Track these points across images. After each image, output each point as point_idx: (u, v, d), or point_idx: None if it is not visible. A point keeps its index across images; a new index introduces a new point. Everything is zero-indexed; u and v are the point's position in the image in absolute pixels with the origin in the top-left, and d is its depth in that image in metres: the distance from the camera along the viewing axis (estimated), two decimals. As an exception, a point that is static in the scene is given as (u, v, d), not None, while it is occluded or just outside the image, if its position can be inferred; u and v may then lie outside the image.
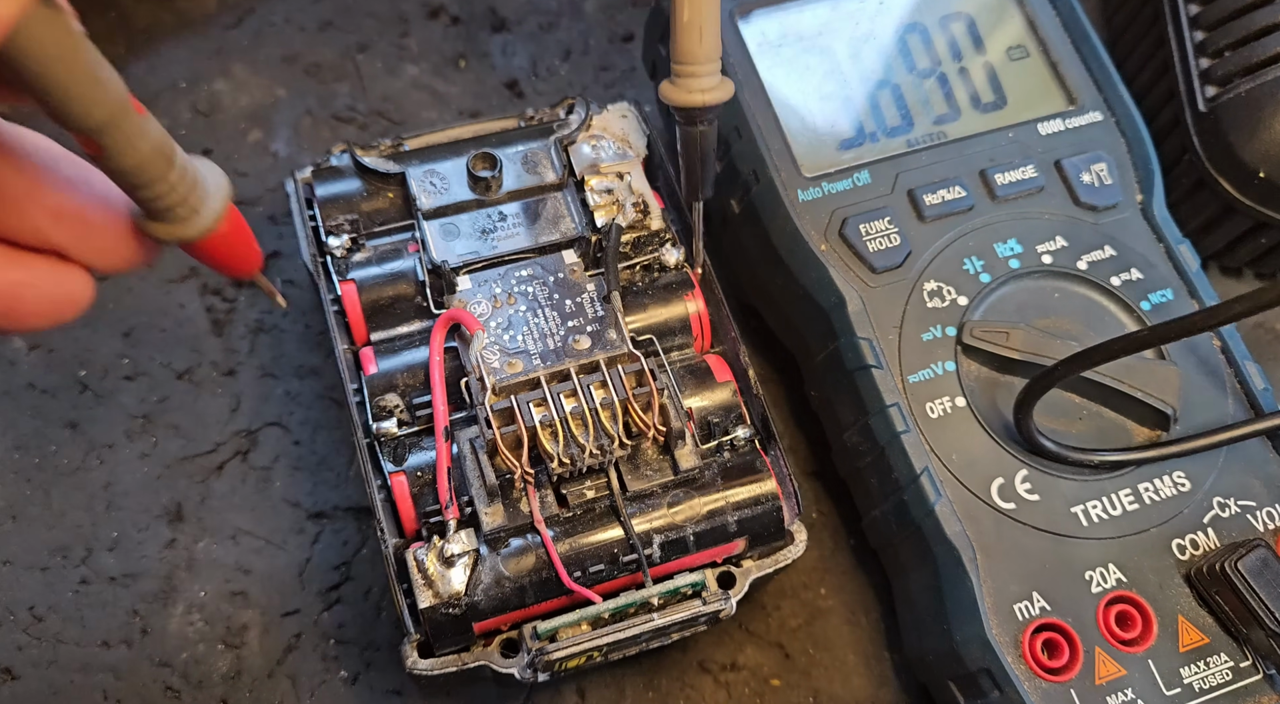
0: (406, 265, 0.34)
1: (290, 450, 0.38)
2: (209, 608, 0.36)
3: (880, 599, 0.37)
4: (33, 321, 0.22)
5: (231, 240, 0.23)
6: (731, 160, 0.38)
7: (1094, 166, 0.37)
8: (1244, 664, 0.31)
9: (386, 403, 0.32)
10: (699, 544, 0.31)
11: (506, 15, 0.47)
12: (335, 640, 0.35)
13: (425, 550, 0.29)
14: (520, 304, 0.33)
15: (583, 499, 0.31)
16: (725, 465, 0.32)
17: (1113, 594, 0.32)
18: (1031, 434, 0.32)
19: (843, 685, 0.36)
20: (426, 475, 0.31)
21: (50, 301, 0.22)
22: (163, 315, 0.40)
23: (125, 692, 0.34)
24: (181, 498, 0.37)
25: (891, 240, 0.36)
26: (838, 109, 0.38)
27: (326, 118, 0.44)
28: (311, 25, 0.46)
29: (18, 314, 0.22)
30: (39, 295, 0.22)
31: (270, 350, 0.40)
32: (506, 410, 0.30)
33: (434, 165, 0.36)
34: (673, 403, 0.31)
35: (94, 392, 0.39)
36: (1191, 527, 0.33)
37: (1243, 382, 0.35)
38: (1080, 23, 0.39)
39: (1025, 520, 0.32)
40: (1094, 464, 0.33)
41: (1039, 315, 0.35)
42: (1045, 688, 0.30)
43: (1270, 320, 0.43)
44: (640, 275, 0.35)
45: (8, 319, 0.22)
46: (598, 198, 0.35)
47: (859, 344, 0.34)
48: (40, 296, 0.22)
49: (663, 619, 0.29)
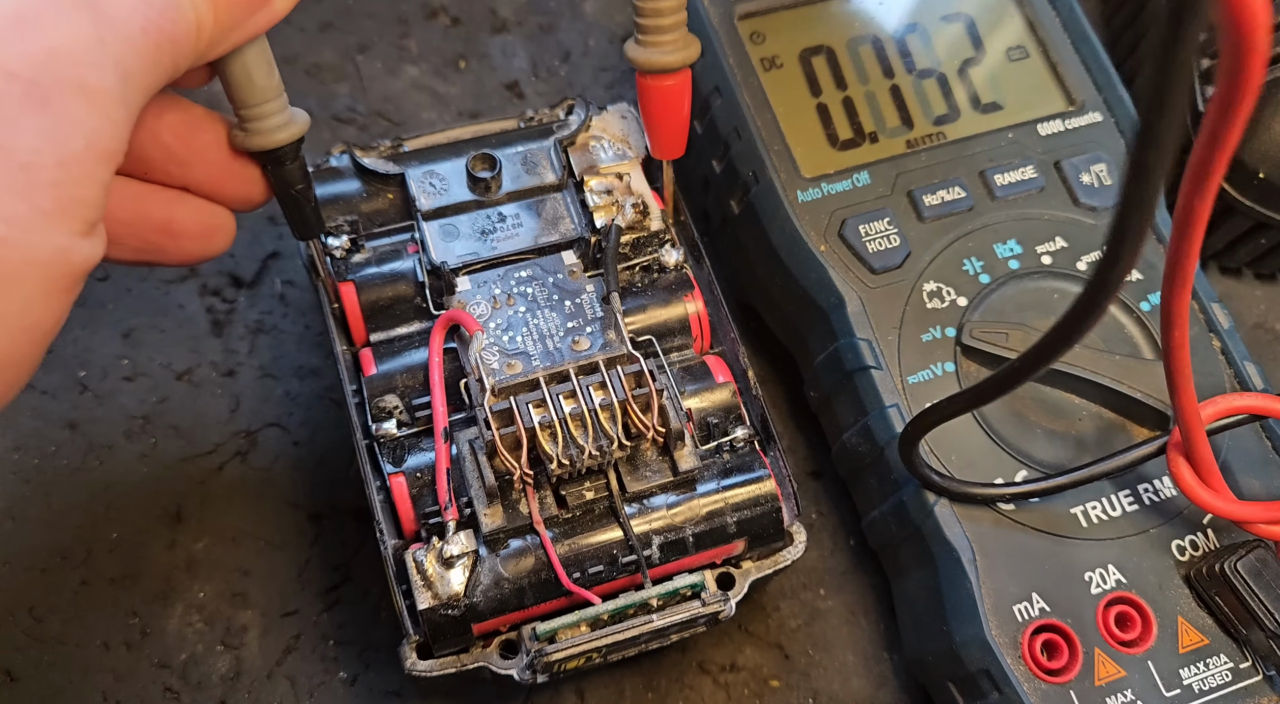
0: (406, 266, 0.34)
1: (290, 451, 0.38)
2: (208, 609, 0.36)
3: (880, 600, 0.37)
4: (191, 247, 0.30)
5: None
6: (731, 161, 0.38)
7: (1094, 167, 0.37)
8: (1244, 665, 0.31)
9: (386, 404, 0.32)
10: (698, 545, 0.31)
11: (506, 16, 0.47)
12: (334, 641, 0.35)
13: (424, 552, 0.29)
14: (520, 305, 0.33)
15: (582, 500, 0.31)
16: (724, 466, 0.32)
17: (1112, 595, 0.32)
18: (916, 466, 0.32)
19: (842, 686, 0.36)
20: (426, 476, 0.31)
21: (201, 232, 0.30)
22: (162, 316, 0.40)
23: (125, 693, 0.34)
24: (181, 498, 0.37)
25: (891, 241, 0.36)
26: (837, 109, 0.38)
27: (326, 118, 0.44)
28: (311, 26, 0.46)
29: (178, 242, 0.29)
30: (192, 227, 0.29)
31: (270, 351, 0.40)
32: (506, 411, 0.30)
33: (433, 166, 0.36)
34: (672, 404, 0.31)
35: (94, 392, 0.39)
36: (1191, 527, 0.33)
37: (1242, 382, 0.35)
38: (1080, 23, 0.39)
39: (1025, 521, 0.32)
40: (976, 498, 0.32)
41: (1039, 316, 0.35)
42: (1045, 689, 0.30)
43: (1270, 321, 0.43)
44: (640, 276, 0.35)
45: (172, 245, 0.29)
46: (597, 199, 0.35)
47: (858, 345, 0.34)
48: (193, 228, 0.29)
49: (662, 620, 0.29)
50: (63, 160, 0.21)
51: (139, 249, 0.29)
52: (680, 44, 0.31)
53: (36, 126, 0.21)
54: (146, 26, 0.23)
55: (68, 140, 0.21)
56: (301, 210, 0.31)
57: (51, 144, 0.21)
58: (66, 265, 0.22)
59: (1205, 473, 0.30)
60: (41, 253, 0.22)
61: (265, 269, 0.41)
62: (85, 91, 0.22)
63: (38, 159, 0.21)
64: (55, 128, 0.21)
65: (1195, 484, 0.30)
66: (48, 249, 0.22)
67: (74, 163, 0.22)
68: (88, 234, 0.23)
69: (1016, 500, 0.32)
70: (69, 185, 0.22)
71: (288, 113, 0.29)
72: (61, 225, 0.22)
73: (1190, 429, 0.29)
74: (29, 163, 0.21)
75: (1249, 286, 0.43)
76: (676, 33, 0.31)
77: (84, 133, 0.22)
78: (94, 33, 0.22)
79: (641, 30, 0.31)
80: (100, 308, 0.40)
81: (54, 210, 0.22)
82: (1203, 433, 0.29)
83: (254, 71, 0.27)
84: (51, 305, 0.23)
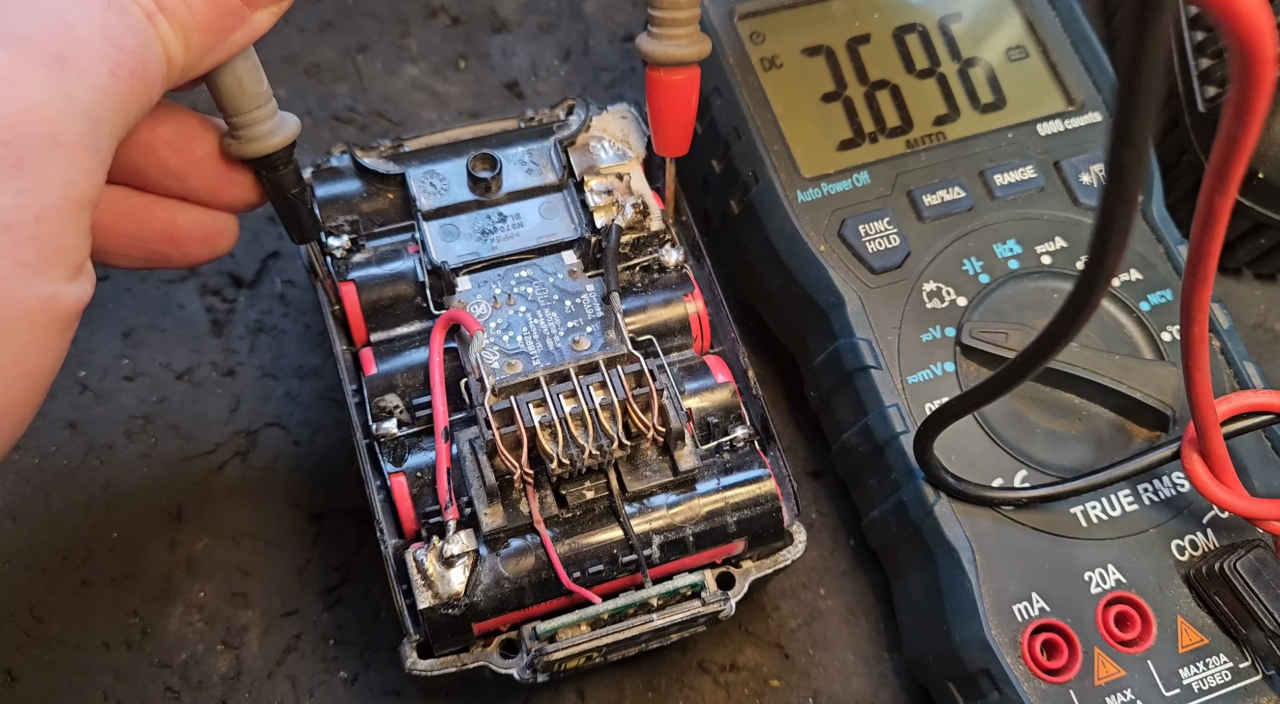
0: (406, 266, 0.34)
1: (290, 451, 0.38)
2: (209, 608, 0.36)
3: (880, 600, 0.37)
4: (195, 252, 0.30)
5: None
6: (731, 161, 0.38)
7: (1093, 167, 0.37)
8: (1243, 665, 0.31)
9: (386, 404, 0.32)
10: (698, 545, 0.31)
11: (506, 16, 0.47)
12: (335, 641, 0.35)
13: (425, 551, 0.29)
14: (520, 305, 0.33)
15: (582, 500, 0.31)
16: (724, 466, 0.32)
17: (1112, 595, 0.32)
18: (933, 468, 0.32)
19: (842, 686, 0.36)
20: (426, 476, 0.31)
21: (204, 237, 0.30)
22: (162, 316, 0.40)
23: (125, 693, 0.34)
24: (181, 498, 0.37)
25: (891, 241, 0.36)
26: (837, 109, 0.38)
27: (326, 118, 0.44)
28: (311, 26, 0.46)
29: (182, 248, 0.30)
30: (195, 233, 0.30)
31: (270, 351, 0.40)
32: (506, 411, 0.30)
33: (434, 166, 0.36)
34: (672, 403, 0.31)
35: (93, 392, 0.39)
36: (1191, 527, 0.33)
37: (1242, 382, 0.35)
38: (1080, 23, 0.39)
39: (1024, 521, 0.32)
40: (994, 501, 0.32)
41: (1039, 316, 0.35)
42: (1044, 689, 0.30)
43: (1270, 321, 0.43)
44: (640, 276, 0.35)
45: (176, 252, 0.30)
46: (597, 199, 0.35)
47: (858, 345, 0.34)
48: (196, 233, 0.30)
49: (662, 620, 0.29)
50: (41, 215, 0.22)
51: (144, 258, 0.30)
52: (694, 38, 0.31)
53: (13, 187, 0.21)
54: (116, 71, 0.23)
55: (44, 196, 0.22)
56: (298, 215, 0.31)
57: (29, 201, 0.22)
58: (56, 311, 0.23)
59: (1219, 470, 0.30)
60: (30, 303, 0.22)
61: (265, 269, 0.41)
62: (58, 147, 0.22)
63: (18, 218, 0.21)
64: (32, 186, 0.22)
65: (1210, 481, 0.30)
66: (36, 299, 0.22)
67: (52, 216, 0.22)
68: (74, 277, 0.23)
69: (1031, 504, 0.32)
70: (50, 237, 0.22)
71: (277, 118, 0.29)
72: (47, 275, 0.22)
73: (1206, 426, 0.29)
74: (9, 223, 0.21)
75: (1248, 286, 0.43)
76: (690, 27, 0.31)
77: (60, 186, 0.22)
78: (61, 88, 0.22)
79: (656, 23, 0.31)
80: (100, 308, 0.40)
81: (38, 262, 0.22)
82: (1218, 430, 0.29)
83: (242, 81, 0.27)
84: (47, 349, 0.23)
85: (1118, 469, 0.32)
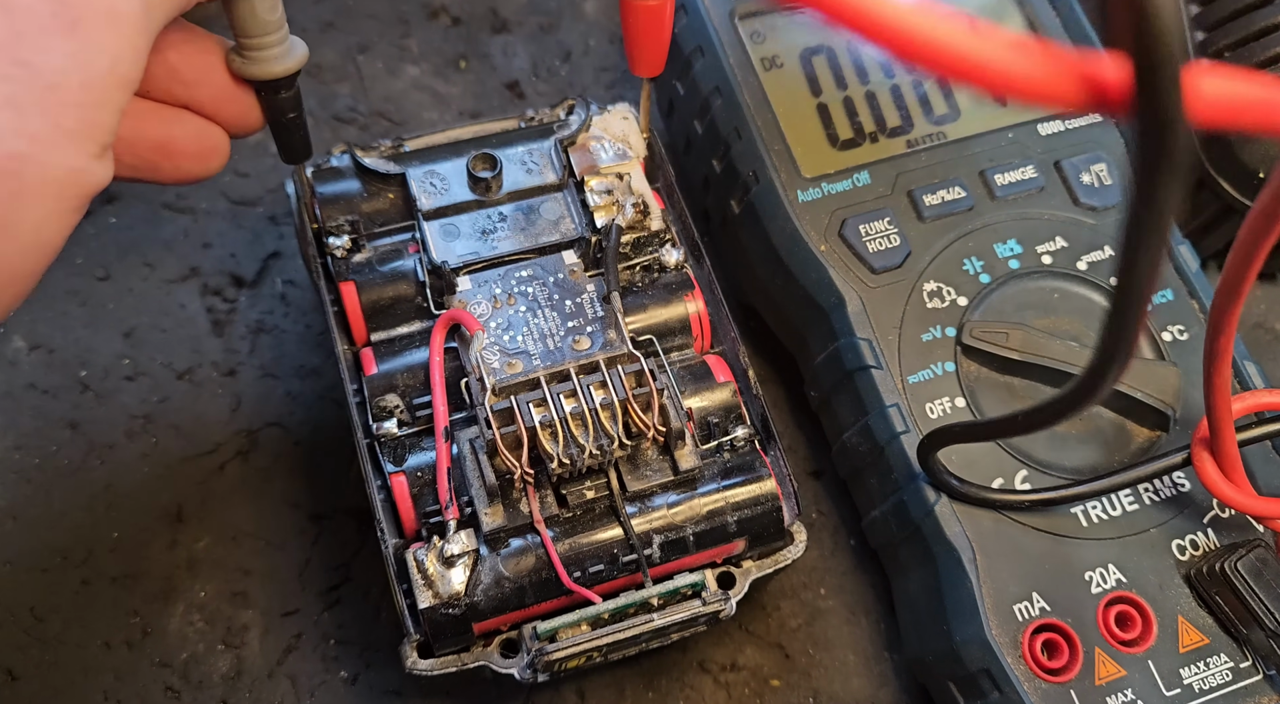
0: (407, 266, 0.34)
1: (290, 450, 0.38)
2: (209, 608, 0.36)
3: (880, 599, 0.37)
4: (187, 166, 0.29)
5: None
6: (731, 161, 0.38)
7: (1094, 167, 0.37)
8: (1244, 665, 0.31)
9: (386, 403, 0.32)
10: (699, 544, 0.31)
11: (507, 16, 0.47)
12: (335, 641, 0.35)
13: (425, 551, 0.29)
14: (520, 304, 0.33)
15: (582, 499, 0.31)
16: (725, 466, 0.32)
17: (1113, 595, 0.32)
18: (936, 473, 0.32)
19: (843, 686, 0.36)
20: (426, 476, 0.31)
21: (198, 150, 0.29)
22: (163, 315, 0.40)
23: (126, 692, 0.34)
24: (182, 498, 0.37)
25: (891, 241, 0.36)
26: (837, 109, 0.38)
27: (327, 118, 0.44)
28: (312, 26, 0.46)
29: (174, 161, 0.29)
30: (189, 147, 0.29)
31: (270, 351, 0.40)
32: (506, 411, 0.30)
33: (434, 166, 0.36)
34: (672, 403, 0.31)
35: (94, 392, 0.39)
36: (1191, 527, 0.33)
37: (1242, 382, 0.35)
38: (1080, 23, 0.39)
39: (1025, 521, 0.32)
40: (999, 504, 0.32)
41: (1039, 316, 0.35)
42: (1045, 689, 0.30)
43: (1270, 321, 0.43)
44: (640, 276, 0.35)
45: (168, 164, 0.29)
46: (597, 198, 0.35)
47: (858, 344, 0.34)
48: (190, 147, 0.29)
49: (662, 619, 0.29)
50: (86, 82, 0.22)
51: (135, 166, 0.29)
52: None
53: (65, 48, 0.22)
54: None
55: (93, 63, 0.22)
56: (291, 137, 0.32)
57: (77, 66, 0.22)
58: (80, 185, 0.23)
59: (1230, 470, 0.30)
60: (59, 171, 0.22)
61: (266, 269, 0.41)
62: (114, 17, 0.22)
63: (64, 79, 0.22)
64: (82, 50, 0.22)
65: (1219, 480, 0.30)
66: (65, 168, 0.22)
67: (96, 86, 0.22)
68: (100, 157, 0.23)
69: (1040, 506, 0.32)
70: (90, 108, 0.23)
71: (287, 44, 0.29)
72: (79, 146, 0.23)
73: (1220, 425, 0.29)
74: (55, 83, 0.22)
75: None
76: None
77: (108, 57, 0.22)
78: None
79: None
80: (101, 307, 0.40)
81: (75, 131, 0.22)
82: (1232, 429, 0.29)
83: (258, 6, 0.27)
84: (62, 223, 0.23)
85: (1129, 473, 0.32)
